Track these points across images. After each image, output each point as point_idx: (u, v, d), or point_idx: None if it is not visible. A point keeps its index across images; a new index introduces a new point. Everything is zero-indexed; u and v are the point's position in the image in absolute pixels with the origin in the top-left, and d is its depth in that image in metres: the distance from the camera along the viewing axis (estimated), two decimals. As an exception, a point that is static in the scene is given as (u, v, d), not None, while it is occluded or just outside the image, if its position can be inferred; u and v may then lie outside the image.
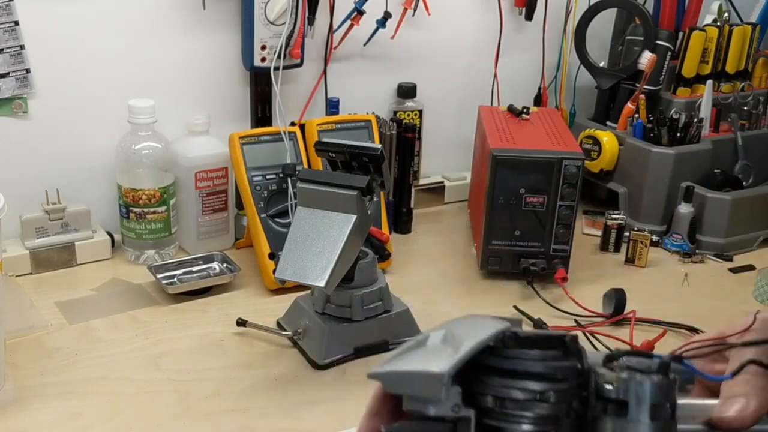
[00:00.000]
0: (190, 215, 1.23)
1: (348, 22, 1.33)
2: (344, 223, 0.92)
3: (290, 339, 1.02)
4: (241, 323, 1.03)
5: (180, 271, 1.17)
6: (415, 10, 1.39)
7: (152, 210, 1.19)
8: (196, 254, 1.21)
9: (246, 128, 1.32)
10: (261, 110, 1.32)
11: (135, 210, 1.19)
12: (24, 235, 1.17)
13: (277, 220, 1.19)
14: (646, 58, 1.44)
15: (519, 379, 0.36)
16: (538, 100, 1.57)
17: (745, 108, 1.50)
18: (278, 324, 1.06)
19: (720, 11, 1.53)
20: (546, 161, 1.14)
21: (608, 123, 1.51)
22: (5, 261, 1.08)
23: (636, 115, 1.43)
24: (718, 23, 1.50)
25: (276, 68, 1.23)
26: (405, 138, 1.32)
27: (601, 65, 1.55)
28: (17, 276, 1.15)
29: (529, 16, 1.51)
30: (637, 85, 1.45)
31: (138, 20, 1.22)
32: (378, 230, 1.19)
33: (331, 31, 1.34)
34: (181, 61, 1.27)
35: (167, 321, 1.07)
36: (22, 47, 1.14)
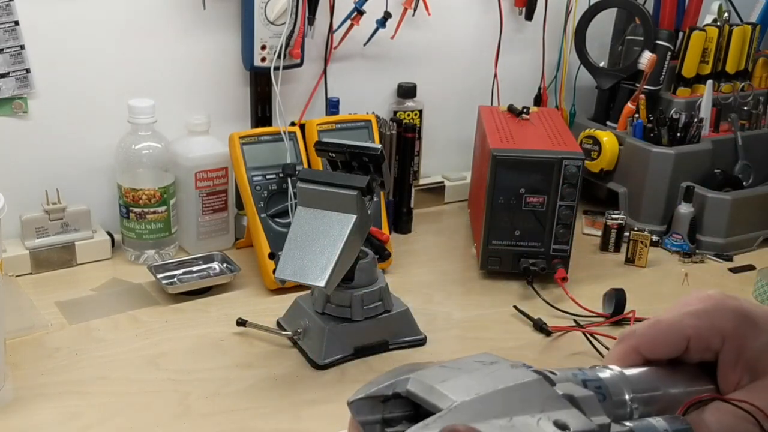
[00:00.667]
0: (190, 215, 1.23)
1: (348, 22, 1.33)
2: (344, 223, 0.92)
3: (290, 339, 1.02)
4: (241, 323, 1.03)
5: (180, 271, 1.17)
6: (415, 10, 1.39)
7: (152, 210, 1.19)
8: (196, 254, 1.21)
9: (246, 128, 1.32)
10: (261, 110, 1.32)
11: (135, 210, 1.19)
12: (24, 235, 1.17)
13: (277, 220, 1.19)
14: (646, 58, 1.44)
15: None
16: (538, 100, 1.57)
17: (745, 108, 1.50)
18: (278, 324, 1.06)
19: (720, 11, 1.53)
20: (546, 161, 1.14)
21: (608, 123, 1.51)
22: (5, 261, 1.08)
23: (636, 115, 1.43)
24: (718, 23, 1.50)
25: (276, 68, 1.23)
26: (405, 138, 1.32)
27: (601, 65, 1.55)
28: (17, 276, 1.15)
29: (529, 16, 1.51)
30: (637, 85, 1.45)
31: (138, 20, 1.22)
32: (378, 230, 1.19)
33: (331, 31, 1.34)
34: (181, 61, 1.27)
35: (167, 321, 1.07)
36: (22, 47, 1.14)
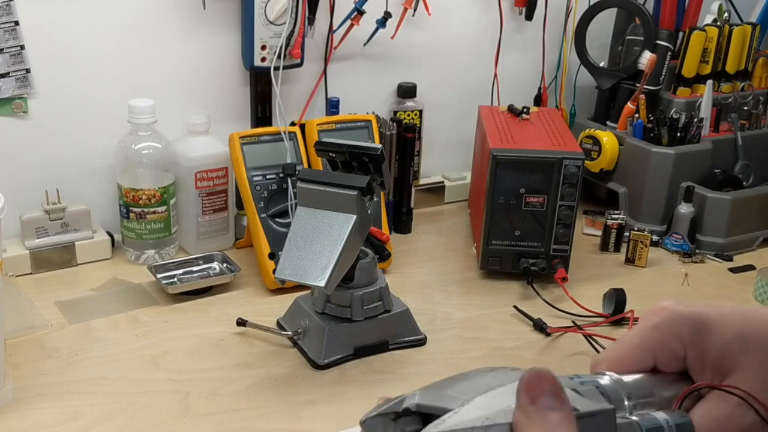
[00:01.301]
0: (190, 215, 1.23)
1: (348, 22, 1.33)
2: (344, 223, 0.92)
3: (290, 339, 1.02)
4: (241, 323, 1.03)
5: (180, 271, 1.17)
6: (415, 10, 1.39)
7: (152, 210, 1.19)
8: (196, 254, 1.21)
9: (246, 128, 1.32)
10: (261, 110, 1.32)
11: (135, 210, 1.19)
12: (24, 235, 1.17)
13: (277, 220, 1.19)
14: (646, 58, 1.44)
15: None
16: (538, 100, 1.57)
17: (745, 108, 1.50)
18: (278, 324, 1.06)
19: (720, 11, 1.53)
20: (546, 161, 1.14)
21: (608, 123, 1.51)
22: (5, 261, 1.08)
23: (636, 115, 1.43)
24: (718, 23, 1.50)
25: (276, 68, 1.23)
26: (405, 138, 1.32)
27: (601, 65, 1.55)
28: (17, 276, 1.15)
29: (529, 16, 1.51)
30: (637, 85, 1.45)
31: (138, 20, 1.22)
32: (378, 230, 1.19)
33: (331, 31, 1.34)
34: (181, 61, 1.27)
35: (167, 321, 1.07)
36: (22, 47, 1.14)
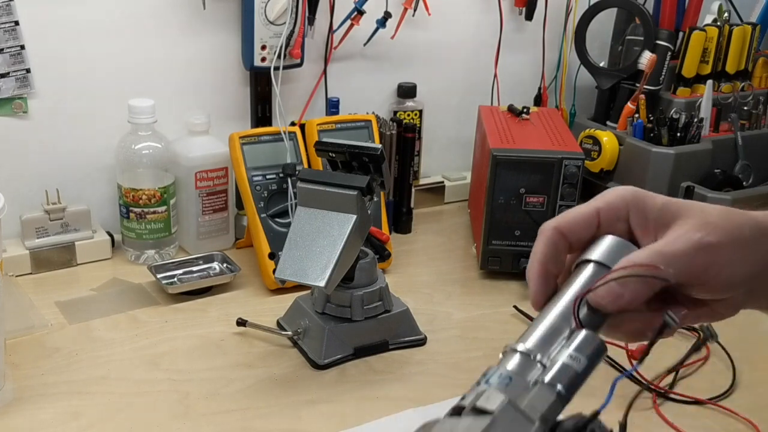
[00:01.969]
0: (190, 215, 1.23)
1: (348, 22, 1.33)
2: (344, 223, 0.92)
3: (290, 339, 1.02)
4: (241, 323, 1.02)
5: (180, 271, 1.17)
6: (415, 10, 1.39)
7: (152, 210, 1.19)
8: (196, 254, 1.21)
9: (246, 128, 1.32)
10: (261, 110, 1.32)
11: (135, 210, 1.19)
12: (24, 235, 1.17)
13: (277, 220, 1.19)
14: (646, 58, 1.44)
15: None
16: (538, 100, 1.57)
17: (745, 108, 1.50)
18: (278, 324, 1.06)
19: (720, 11, 1.53)
20: (546, 161, 1.14)
21: (608, 123, 1.51)
22: (5, 261, 1.08)
23: (636, 115, 1.43)
24: (718, 23, 1.50)
25: (276, 68, 1.23)
26: (405, 138, 1.32)
27: (601, 65, 1.55)
28: (17, 276, 1.15)
29: (529, 16, 1.51)
30: (637, 85, 1.45)
31: (138, 20, 1.22)
32: (378, 230, 1.19)
33: (331, 31, 1.34)
34: (181, 61, 1.27)
35: (167, 321, 1.07)
36: (22, 47, 1.14)
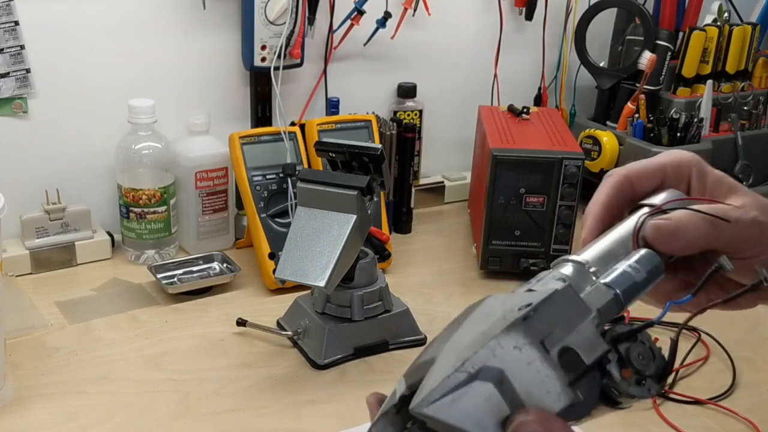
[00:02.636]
0: (190, 215, 1.23)
1: (348, 22, 1.33)
2: (344, 223, 0.92)
3: (290, 339, 1.02)
4: (241, 323, 1.02)
5: (180, 271, 1.17)
6: (415, 10, 1.39)
7: (152, 210, 1.19)
8: (196, 254, 1.21)
9: (246, 128, 1.32)
10: (261, 110, 1.32)
11: (135, 210, 1.19)
12: (24, 235, 1.17)
13: (277, 220, 1.19)
14: (646, 58, 1.44)
15: None
16: (538, 100, 1.57)
17: (745, 108, 1.50)
18: (278, 324, 1.06)
19: (720, 11, 1.53)
20: (546, 161, 1.14)
21: (608, 123, 1.51)
22: (5, 261, 1.08)
23: (636, 115, 1.43)
24: (718, 23, 1.50)
25: (276, 68, 1.23)
26: (405, 138, 1.32)
27: (601, 65, 1.55)
28: (17, 276, 1.15)
29: (529, 16, 1.51)
30: (637, 85, 1.45)
31: (138, 20, 1.22)
32: (378, 230, 1.19)
33: (331, 31, 1.34)
34: (181, 61, 1.27)
35: (167, 321, 1.07)
36: (22, 47, 1.14)
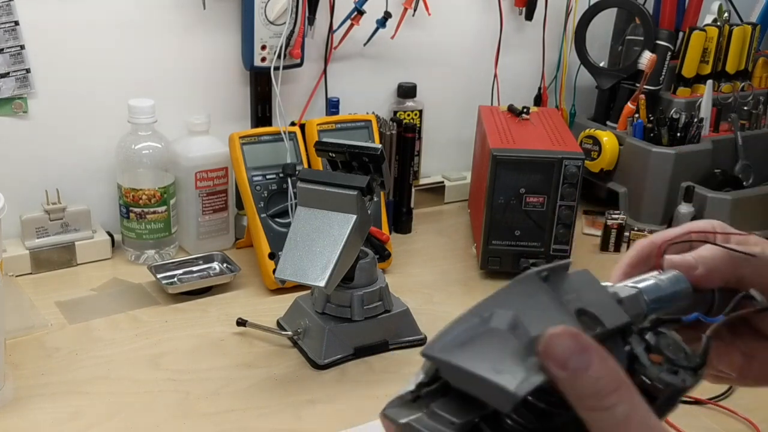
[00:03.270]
0: (190, 215, 1.23)
1: (348, 22, 1.33)
2: (344, 223, 0.92)
3: (290, 339, 1.02)
4: (241, 323, 1.03)
5: (180, 271, 1.17)
6: (415, 10, 1.39)
7: (152, 210, 1.19)
8: (196, 254, 1.21)
9: (246, 128, 1.32)
10: (261, 110, 1.32)
11: (135, 210, 1.19)
12: (24, 235, 1.17)
13: (277, 220, 1.19)
14: (646, 58, 1.44)
15: None
16: (538, 100, 1.57)
17: (745, 108, 1.50)
18: (278, 324, 1.06)
19: (720, 11, 1.53)
20: (546, 161, 1.14)
21: (608, 123, 1.51)
22: (5, 261, 1.08)
23: (636, 115, 1.43)
24: (718, 23, 1.50)
25: (276, 68, 1.23)
26: (405, 138, 1.32)
27: (601, 65, 1.55)
28: (17, 276, 1.15)
29: (529, 16, 1.51)
30: (637, 85, 1.45)
31: (138, 20, 1.22)
32: (378, 230, 1.19)
33: (331, 31, 1.34)
34: (181, 61, 1.27)
35: (167, 321, 1.07)
36: (22, 47, 1.14)
